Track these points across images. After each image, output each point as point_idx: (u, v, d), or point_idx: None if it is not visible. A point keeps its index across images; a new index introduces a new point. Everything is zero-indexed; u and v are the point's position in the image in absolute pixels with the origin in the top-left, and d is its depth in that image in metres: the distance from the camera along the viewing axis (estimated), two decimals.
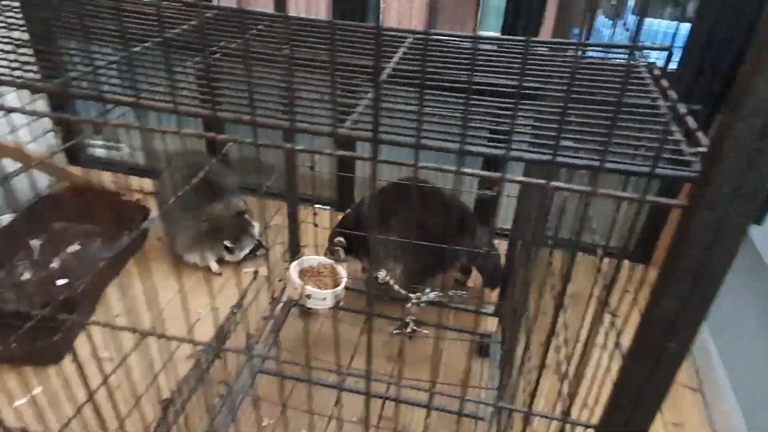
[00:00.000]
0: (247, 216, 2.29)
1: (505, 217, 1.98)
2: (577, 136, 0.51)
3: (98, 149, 2.99)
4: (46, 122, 2.70)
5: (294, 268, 1.80)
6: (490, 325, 1.95)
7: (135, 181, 2.77)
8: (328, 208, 2.40)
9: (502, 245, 1.94)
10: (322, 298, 1.78)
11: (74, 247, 2.34)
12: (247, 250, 2.32)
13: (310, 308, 1.80)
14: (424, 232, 1.81)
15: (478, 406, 1.69)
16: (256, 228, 2.33)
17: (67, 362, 1.85)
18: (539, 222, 1.23)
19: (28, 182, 2.61)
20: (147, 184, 2.75)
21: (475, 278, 2.31)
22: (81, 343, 1.92)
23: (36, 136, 2.62)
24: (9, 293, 2.07)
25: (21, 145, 2.29)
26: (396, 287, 1.89)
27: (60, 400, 1.53)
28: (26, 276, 2.16)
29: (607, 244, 0.78)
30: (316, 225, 1.89)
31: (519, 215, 1.58)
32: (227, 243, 2.24)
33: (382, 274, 1.92)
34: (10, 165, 2.48)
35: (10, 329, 1.92)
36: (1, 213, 2.51)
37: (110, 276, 2.20)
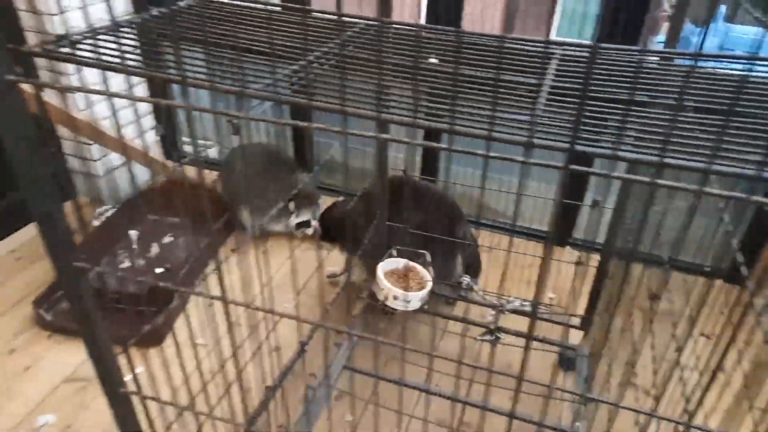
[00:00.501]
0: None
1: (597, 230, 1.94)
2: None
3: (190, 147, 3.15)
4: (149, 119, 2.88)
5: (381, 268, 1.84)
6: (573, 336, 1.92)
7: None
8: None
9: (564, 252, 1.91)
10: (407, 300, 1.81)
11: (168, 239, 2.48)
12: (300, 219, 2.52)
13: (395, 309, 1.83)
14: (429, 230, 1.84)
15: (562, 419, 1.66)
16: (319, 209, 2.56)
17: (166, 346, 1.97)
18: (637, 236, 1.21)
19: (129, 176, 2.79)
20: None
21: (559, 291, 2.27)
22: (178, 329, 2.04)
23: (141, 131, 2.81)
24: (112, 278, 2.22)
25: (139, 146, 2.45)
26: (480, 293, 1.89)
27: (159, 380, 1.63)
28: (127, 263, 2.31)
29: (703, 263, 0.76)
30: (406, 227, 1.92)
31: (616, 228, 1.55)
32: (291, 206, 2.48)
33: (466, 280, 1.92)
34: (113, 159, 2.66)
35: (118, 312, 2.08)
36: (105, 204, 2.70)
37: (203, 264, 2.32)
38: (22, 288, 2.18)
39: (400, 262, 1.91)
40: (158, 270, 2.29)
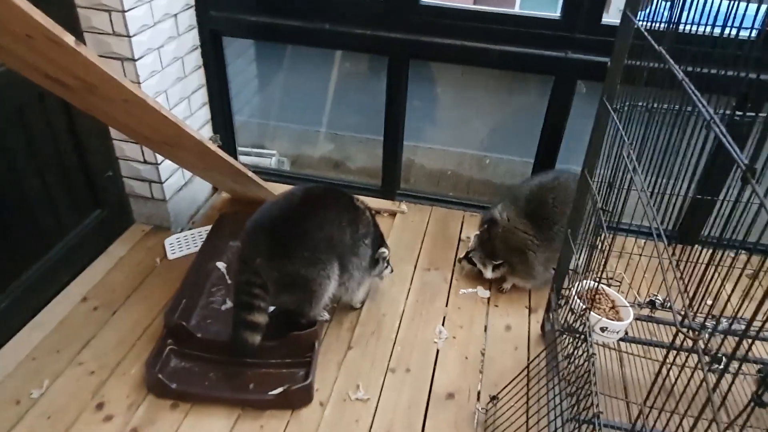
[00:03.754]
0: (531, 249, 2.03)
1: None
2: None
3: (249, 157, 2.77)
4: (207, 129, 2.50)
5: (575, 294, 1.60)
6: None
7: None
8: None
9: None
10: (616, 331, 1.58)
11: None
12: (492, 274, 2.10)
13: (600, 343, 1.61)
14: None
15: None
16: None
17: (316, 405, 1.66)
18: None
19: (190, 195, 2.41)
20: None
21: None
22: (325, 385, 1.72)
23: None
24: (219, 325, 1.87)
25: None
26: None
27: None
28: (228, 304, 1.95)
29: None
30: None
31: None
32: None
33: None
34: (175, 181, 2.28)
35: (243, 366, 1.74)
36: (170, 231, 2.31)
37: None
38: (115, 346, 1.79)
39: (584, 285, 1.68)
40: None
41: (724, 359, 1.56)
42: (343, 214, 1.79)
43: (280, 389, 1.63)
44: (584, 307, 1.43)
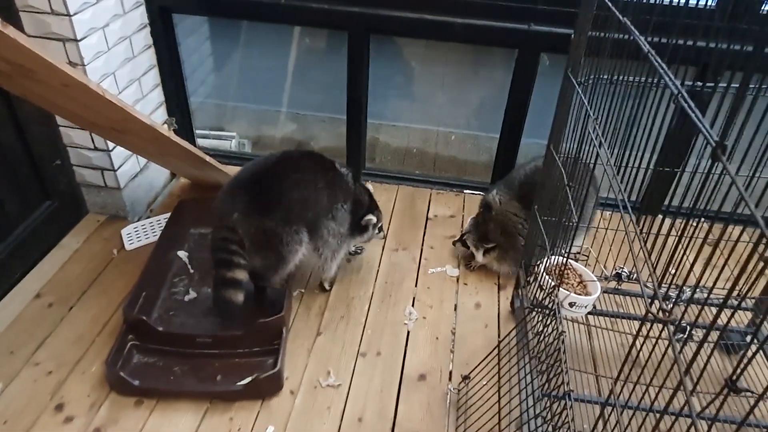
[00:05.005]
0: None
1: None
2: None
3: (207, 140, 2.67)
4: (162, 112, 2.39)
5: (544, 269, 1.59)
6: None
7: None
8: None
9: None
10: (584, 306, 1.59)
11: None
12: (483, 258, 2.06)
13: (569, 318, 1.61)
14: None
15: None
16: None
17: (287, 392, 1.63)
18: None
19: (147, 182, 2.31)
20: None
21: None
22: (295, 373, 1.69)
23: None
24: (182, 317, 1.81)
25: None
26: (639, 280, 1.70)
27: None
28: (192, 294, 1.89)
29: None
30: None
31: None
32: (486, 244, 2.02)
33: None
34: (130, 168, 2.18)
35: (209, 357, 1.69)
36: (127, 220, 2.21)
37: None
38: (73, 344, 1.72)
39: (552, 260, 1.67)
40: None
41: (687, 328, 1.59)
42: (319, 175, 1.77)
43: (248, 379, 1.59)
44: (553, 284, 1.43)
